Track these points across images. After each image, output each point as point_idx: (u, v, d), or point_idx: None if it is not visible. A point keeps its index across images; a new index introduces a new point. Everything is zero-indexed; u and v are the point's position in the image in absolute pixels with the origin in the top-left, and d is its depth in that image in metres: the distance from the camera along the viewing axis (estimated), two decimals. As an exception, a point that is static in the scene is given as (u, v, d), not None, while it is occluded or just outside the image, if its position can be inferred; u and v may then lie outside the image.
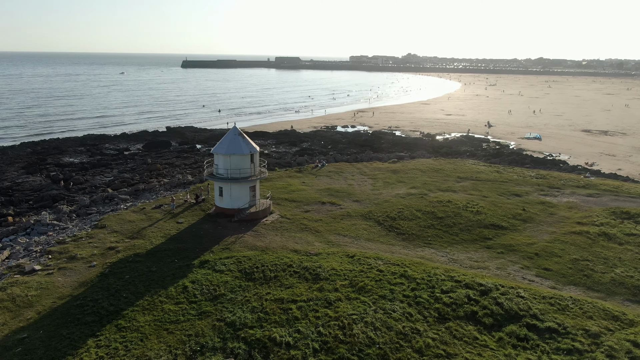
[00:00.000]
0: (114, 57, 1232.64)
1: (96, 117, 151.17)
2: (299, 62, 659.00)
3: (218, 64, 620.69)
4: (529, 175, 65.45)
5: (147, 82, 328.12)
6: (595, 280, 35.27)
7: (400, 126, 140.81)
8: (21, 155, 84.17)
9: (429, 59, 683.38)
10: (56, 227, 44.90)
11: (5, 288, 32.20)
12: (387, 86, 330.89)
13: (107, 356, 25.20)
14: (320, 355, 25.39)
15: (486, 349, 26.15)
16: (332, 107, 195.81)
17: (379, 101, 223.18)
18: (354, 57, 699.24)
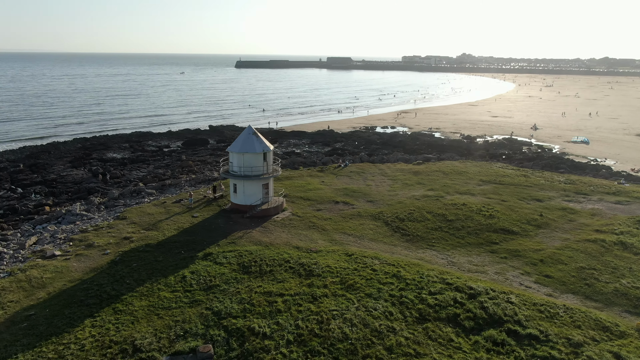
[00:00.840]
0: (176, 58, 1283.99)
1: (148, 115, 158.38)
2: (350, 63, 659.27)
3: (270, 64, 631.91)
4: (558, 180, 63.18)
5: (201, 82, 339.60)
6: (596, 290, 34.09)
7: (441, 127, 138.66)
8: (71, 150, 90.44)
9: (484, 59, 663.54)
10: (84, 217, 48.46)
11: (25, 270, 35.48)
12: (436, 87, 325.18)
13: (98, 335, 27.44)
14: (292, 346, 26.42)
15: (458, 352, 26.22)
16: (376, 107, 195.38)
17: (425, 102, 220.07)
18: (407, 58, 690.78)
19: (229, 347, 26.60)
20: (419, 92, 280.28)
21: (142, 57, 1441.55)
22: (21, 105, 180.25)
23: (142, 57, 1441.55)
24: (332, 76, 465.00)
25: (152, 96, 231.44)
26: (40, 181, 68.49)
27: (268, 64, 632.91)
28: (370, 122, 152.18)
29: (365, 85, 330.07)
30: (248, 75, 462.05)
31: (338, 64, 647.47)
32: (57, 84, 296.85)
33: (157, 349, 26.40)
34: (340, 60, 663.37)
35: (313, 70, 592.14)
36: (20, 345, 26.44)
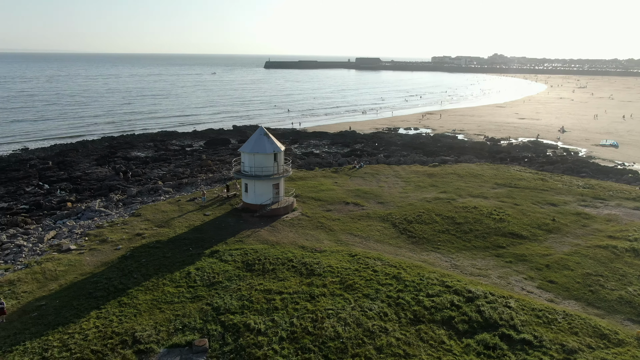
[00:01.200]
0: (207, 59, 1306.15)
1: (175, 115, 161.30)
2: (379, 63, 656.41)
3: (299, 65, 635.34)
4: (577, 184, 61.85)
5: (230, 83, 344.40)
6: (599, 297, 33.49)
7: (465, 129, 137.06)
8: (98, 149, 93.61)
9: (516, 60, 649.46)
10: (102, 213, 50.38)
11: (41, 263, 37.30)
12: (465, 88, 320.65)
13: (101, 325, 28.74)
14: (284, 343, 27.07)
15: (448, 354, 26.34)
16: (401, 109, 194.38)
17: (452, 103, 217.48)
18: (436, 58, 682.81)
19: (224, 342, 27.46)
20: (447, 93, 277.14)
21: (175, 57, 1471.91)
22: (56, 105, 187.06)
23: (175, 57, 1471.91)
24: (360, 77, 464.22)
25: (181, 96, 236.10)
26: (66, 178, 71.32)
27: (297, 65, 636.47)
28: (393, 123, 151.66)
29: (392, 86, 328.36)
30: (276, 75, 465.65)
31: (367, 64, 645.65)
32: (92, 84, 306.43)
33: (156, 341, 27.48)
34: (369, 61, 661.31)
35: (341, 71, 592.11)
36: (28, 333, 27.96)
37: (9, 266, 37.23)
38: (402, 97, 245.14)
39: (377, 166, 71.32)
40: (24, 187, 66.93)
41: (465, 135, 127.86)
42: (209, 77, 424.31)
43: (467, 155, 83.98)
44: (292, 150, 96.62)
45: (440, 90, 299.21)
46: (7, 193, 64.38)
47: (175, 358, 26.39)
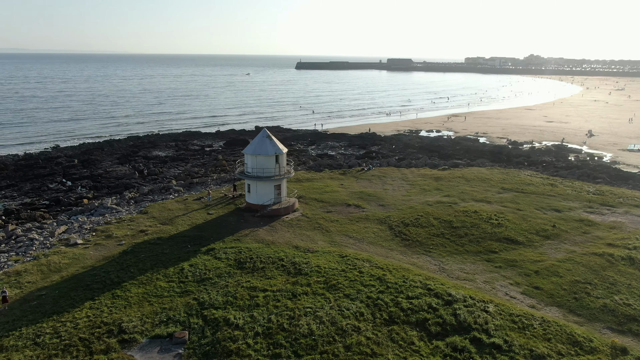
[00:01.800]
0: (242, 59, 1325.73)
1: (202, 117, 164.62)
2: (410, 64, 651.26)
3: (330, 66, 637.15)
4: (587, 190, 60.71)
5: (260, 84, 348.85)
6: (583, 304, 33.30)
7: (489, 132, 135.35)
8: (122, 148, 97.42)
9: (553, 61, 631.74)
10: (113, 210, 52.94)
11: (48, 255, 39.83)
12: (496, 90, 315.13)
13: (92, 315, 30.69)
14: (258, 338, 28.30)
15: (415, 355, 26.99)
16: (427, 111, 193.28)
17: (480, 105, 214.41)
18: (470, 59, 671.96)
19: (203, 335, 28.92)
20: (476, 94, 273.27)
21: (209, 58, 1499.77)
22: (91, 105, 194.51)
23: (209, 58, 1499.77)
24: (390, 78, 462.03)
25: (211, 97, 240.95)
26: (88, 176, 74.81)
27: (328, 65, 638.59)
28: (416, 125, 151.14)
29: (422, 88, 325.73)
30: (307, 76, 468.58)
31: (398, 65, 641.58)
32: (126, 85, 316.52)
33: (140, 331, 29.19)
34: (401, 62, 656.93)
35: (372, 72, 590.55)
36: (26, 320, 30.17)
37: (19, 258, 39.92)
38: (430, 99, 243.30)
39: (386, 169, 71.77)
40: (48, 183, 70.69)
41: (487, 139, 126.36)
42: (241, 77, 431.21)
43: (481, 159, 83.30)
44: (309, 152, 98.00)
45: (469, 92, 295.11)
46: (32, 189, 68.18)
47: (155, 348, 28.01)
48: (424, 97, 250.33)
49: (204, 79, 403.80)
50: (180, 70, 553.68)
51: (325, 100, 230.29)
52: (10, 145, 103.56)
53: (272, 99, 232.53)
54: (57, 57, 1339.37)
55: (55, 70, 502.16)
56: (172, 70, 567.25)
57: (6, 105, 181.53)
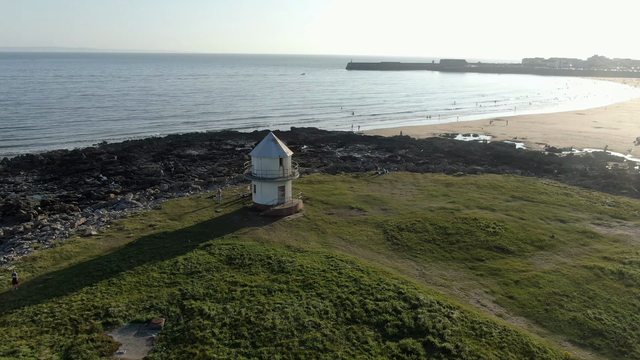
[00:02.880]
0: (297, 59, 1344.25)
1: (244, 118, 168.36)
2: (464, 65, 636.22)
3: (381, 66, 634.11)
4: (602, 201, 58.92)
5: (308, 84, 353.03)
6: (551, 316, 33.36)
7: (528, 137, 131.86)
8: (159, 146, 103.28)
9: (619, 62, 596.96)
10: (132, 205, 57.26)
11: (63, 244, 44.20)
12: (549, 92, 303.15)
13: (86, 299, 34.27)
14: (224, 328, 30.73)
15: (365, 353, 28.46)
16: (470, 114, 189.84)
17: (527, 109, 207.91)
18: (527, 60, 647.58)
19: (177, 322, 31.71)
20: (527, 97, 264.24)
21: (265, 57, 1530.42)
22: (143, 103, 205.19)
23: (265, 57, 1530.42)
24: (442, 80, 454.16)
25: (258, 97, 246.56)
26: (122, 172, 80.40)
27: (379, 66, 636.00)
28: (454, 129, 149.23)
29: (472, 90, 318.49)
30: (357, 77, 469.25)
31: (451, 66, 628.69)
32: (180, 84, 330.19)
33: (123, 316, 32.40)
34: (454, 63, 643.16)
35: (424, 73, 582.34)
36: (29, 300, 34.17)
37: (38, 245, 44.58)
38: (477, 101, 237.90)
39: (400, 173, 72.43)
40: (85, 178, 76.71)
41: (525, 144, 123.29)
42: (293, 78, 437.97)
43: (504, 166, 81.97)
44: (335, 154, 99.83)
45: (521, 94, 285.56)
46: (71, 183, 74.31)
47: (133, 331, 31.10)
48: (471, 100, 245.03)
49: (255, 79, 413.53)
50: (234, 70, 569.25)
51: (369, 102, 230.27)
52: (64, 142, 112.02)
53: (317, 100, 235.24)
54: (122, 56, 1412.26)
55: (117, 70, 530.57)
56: (226, 70, 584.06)
57: (67, 103, 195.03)
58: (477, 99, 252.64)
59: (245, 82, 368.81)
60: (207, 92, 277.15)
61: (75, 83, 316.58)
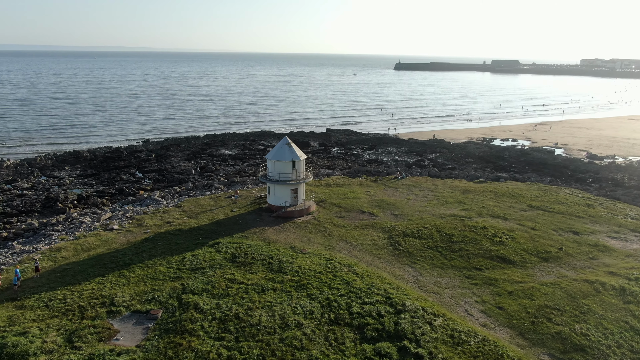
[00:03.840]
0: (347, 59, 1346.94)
1: (287, 118, 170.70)
2: (517, 66, 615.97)
3: (430, 67, 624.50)
4: (626, 214, 56.88)
5: (353, 85, 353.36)
6: (536, 329, 33.25)
7: (570, 143, 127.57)
8: (195, 145, 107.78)
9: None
10: (157, 202, 60.80)
11: (87, 237, 47.94)
12: (604, 96, 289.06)
13: (96, 289, 37.36)
14: (213, 322, 32.80)
15: (339, 354, 29.72)
16: (513, 118, 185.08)
17: (576, 113, 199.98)
18: (586, 61, 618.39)
19: (172, 314, 34.13)
20: (579, 101, 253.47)
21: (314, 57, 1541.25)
22: (190, 103, 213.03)
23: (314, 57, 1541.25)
24: (493, 81, 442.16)
25: (301, 98, 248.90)
26: (157, 169, 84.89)
27: (427, 67, 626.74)
28: (494, 133, 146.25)
29: (522, 93, 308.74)
30: (404, 78, 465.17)
31: (503, 67, 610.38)
32: (228, 83, 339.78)
33: (126, 306, 35.18)
34: (506, 64, 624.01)
35: (475, 74, 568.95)
36: (47, 287, 37.66)
37: (65, 237, 48.57)
38: (524, 105, 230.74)
39: (420, 178, 72.49)
40: (122, 174, 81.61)
41: (565, 150, 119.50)
42: (339, 78, 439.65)
43: (531, 174, 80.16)
44: (364, 156, 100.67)
45: (573, 98, 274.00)
46: (108, 179, 79.36)
47: (132, 320, 33.77)
48: (518, 103, 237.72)
49: (302, 79, 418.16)
50: (283, 70, 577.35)
51: (411, 104, 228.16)
52: (110, 140, 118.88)
53: (359, 102, 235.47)
54: (178, 55, 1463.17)
55: (171, 69, 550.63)
56: (274, 69, 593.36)
57: (119, 102, 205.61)
58: (525, 102, 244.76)
59: (292, 82, 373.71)
60: (253, 92, 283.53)
61: (129, 82, 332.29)
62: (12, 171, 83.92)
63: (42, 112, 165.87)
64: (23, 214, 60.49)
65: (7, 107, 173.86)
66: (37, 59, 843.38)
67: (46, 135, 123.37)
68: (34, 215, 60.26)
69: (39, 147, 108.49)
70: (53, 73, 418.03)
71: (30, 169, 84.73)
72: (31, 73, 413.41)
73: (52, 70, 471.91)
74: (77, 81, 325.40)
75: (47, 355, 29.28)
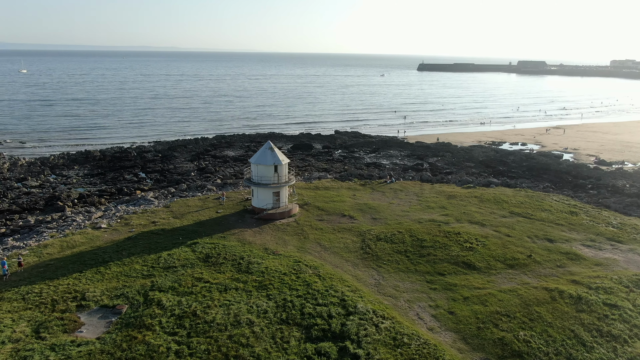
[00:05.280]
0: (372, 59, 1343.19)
1: (300, 121, 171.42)
2: (543, 67, 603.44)
3: (454, 68, 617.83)
4: (607, 222, 56.61)
5: (373, 87, 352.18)
6: (480, 334, 34.09)
7: (581, 148, 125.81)
8: (201, 146, 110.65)
9: None
10: (149, 202, 63.44)
11: (74, 234, 50.74)
12: (630, 99, 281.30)
13: (72, 284, 39.87)
14: (171, 319, 34.81)
15: (281, 351, 31.30)
16: (529, 121, 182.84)
17: (595, 117, 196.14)
18: (616, 62, 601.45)
19: (136, 310, 36.30)
20: (602, 104, 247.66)
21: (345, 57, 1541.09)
22: (208, 104, 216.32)
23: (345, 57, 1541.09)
24: (517, 83, 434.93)
25: (319, 100, 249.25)
26: (159, 170, 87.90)
27: (451, 68, 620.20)
28: (504, 137, 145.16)
29: (545, 95, 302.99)
30: (426, 79, 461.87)
31: (529, 68, 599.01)
32: (249, 84, 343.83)
33: (96, 300, 37.55)
34: (532, 65, 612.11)
35: (500, 75, 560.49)
36: (27, 281, 40.38)
37: (55, 234, 51.50)
38: (543, 108, 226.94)
39: (409, 183, 73.27)
40: (125, 174, 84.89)
41: (574, 155, 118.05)
42: (359, 79, 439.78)
43: (524, 179, 79.87)
44: (364, 159, 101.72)
45: (595, 100, 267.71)
46: (112, 178, 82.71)
47: (99, 314, 36.11)
48: (538, 107, 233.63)
49: (324, 80, 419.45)
50: (305, 71, 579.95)
51: (428, 107, 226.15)
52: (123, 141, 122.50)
53: (375, 104, 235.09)
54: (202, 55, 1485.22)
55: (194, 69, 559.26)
56: (297, 70, 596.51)
57: (138, 103, 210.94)
58: (546, 105, 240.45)
59: (313, 83, 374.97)
60: (272, 92, 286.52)
61: (152, 82, 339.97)
62: (24, 170, 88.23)
63: (64, 112, 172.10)
64: (25, 211, 63.95)
65: (31, 108, 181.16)
66: (68, 59, 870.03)
67: (64, 136, 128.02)
68: (36, 213, 63.63)
69: (55, 147, 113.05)
70: (81, 73, 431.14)
71: (41, 168, 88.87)
72: (60, 72, 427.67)
73: (80, 70, 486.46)
74: (102, 81, 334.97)
75: (14, 344, 31.79)
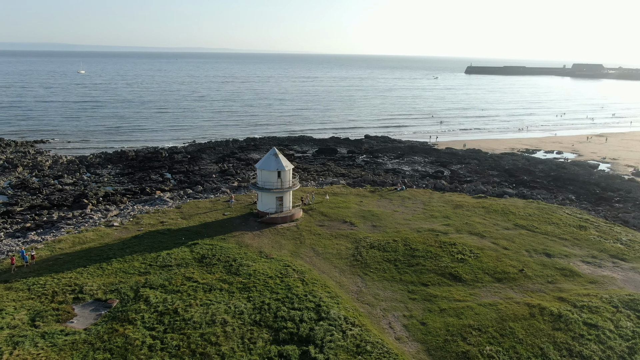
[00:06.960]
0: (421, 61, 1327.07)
1: (334, 124, 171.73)
2: (600, 70, 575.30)
3: (504, 71, 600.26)
4: (616, 238, 54.55)
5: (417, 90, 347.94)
6: (445, 347, 34.31)
7: (620, 158, 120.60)
8: (229, 149, 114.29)
9: None
10: (164, 202, 66.85)
11: (88, 231, 54.51)
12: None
13: (73, 277, 43.18)
14: (153, 314, 37.20)
15: (246, 352, 32.91)
16: (572, 128, 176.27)
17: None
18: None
19: (125, 305, 39.01)
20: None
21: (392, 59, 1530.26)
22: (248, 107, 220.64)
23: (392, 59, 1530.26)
24: (570, 87, 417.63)
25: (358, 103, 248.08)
26: (184, 171, 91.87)
27: (501, 70, 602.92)
28: (541, 144, 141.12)
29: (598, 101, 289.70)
30: (474, 83, 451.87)
31: (584, 71, 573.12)
32: (290, 86, 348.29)
33: (91, 294, 40.59)
34: (588, 68, 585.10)
35: (553, 79, 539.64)
36: (36, 273, 44.05)
37: (71, 230, 55.48)
38: (589, 113, 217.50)
39: (419, 191, 73.08)
40: (152, 174, 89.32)
41: (611, 165, 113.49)
42: (403, 82, 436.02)
43: (540, 190, 77.75)
44: (386, 165, 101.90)
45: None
46: (139, 178, 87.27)
47: (91, 307, 39.07)
48: (584, 113, 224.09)
49: (369, 82, 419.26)
50: (348, 73, 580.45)
51: (469, 113, 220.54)
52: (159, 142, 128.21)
53: (415, 109, 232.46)
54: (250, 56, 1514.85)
55: (241, 70, 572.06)
56: (340, 72, 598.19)
57: (182, 105, 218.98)
58: (595, 111, 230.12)
59: (355, 86, 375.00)
60: (312, 95, 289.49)
61: (198, 84, 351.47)
62: (63, 167, 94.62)
63: (111, 113, 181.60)
64: (54, 207, 68.96)
65: (81, 108, 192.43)
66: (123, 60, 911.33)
67: (106, 137, 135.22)
68: (63, 209, 68.49)
69: (96, 147, 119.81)
70: (134, 74, 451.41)
71: (78, 166, 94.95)
72: (113, 74, 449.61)
73: (133, 71, 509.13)
74: (151, 83, 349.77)
75: (11, 330, 35.11)
